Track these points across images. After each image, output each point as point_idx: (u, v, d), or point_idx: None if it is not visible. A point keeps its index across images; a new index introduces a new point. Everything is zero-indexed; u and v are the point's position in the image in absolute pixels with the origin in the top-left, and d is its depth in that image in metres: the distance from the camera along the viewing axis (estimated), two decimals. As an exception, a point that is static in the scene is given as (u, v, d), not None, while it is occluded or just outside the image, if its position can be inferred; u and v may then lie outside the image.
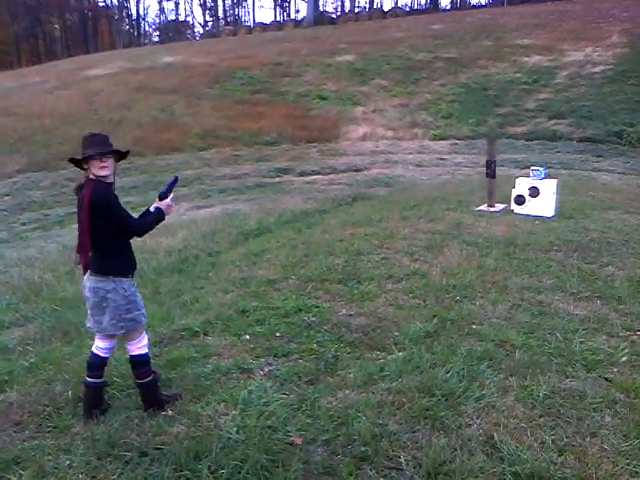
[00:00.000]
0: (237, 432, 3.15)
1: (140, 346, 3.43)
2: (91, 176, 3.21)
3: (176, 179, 3.56)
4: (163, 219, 3.44)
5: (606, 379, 3.66)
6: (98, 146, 3.19)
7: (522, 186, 8.89)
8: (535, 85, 24.95)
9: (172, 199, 3.48)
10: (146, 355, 3.46)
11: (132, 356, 3.43)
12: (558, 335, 4.30)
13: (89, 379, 3.41)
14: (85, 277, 3.32)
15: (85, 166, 3.22)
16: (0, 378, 4.07)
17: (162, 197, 3.43)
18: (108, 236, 3.23)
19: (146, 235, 3.40)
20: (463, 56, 29.15)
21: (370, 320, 4.73)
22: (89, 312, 3.35)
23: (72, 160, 3.30)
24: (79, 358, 4.21)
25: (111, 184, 3.27)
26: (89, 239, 3.18)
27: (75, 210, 3.30)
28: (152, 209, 3.42)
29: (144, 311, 3.44)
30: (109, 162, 3.23)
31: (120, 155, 3.33)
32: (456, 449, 2.95)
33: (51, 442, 3.18)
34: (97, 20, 74.74)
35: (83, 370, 3.58)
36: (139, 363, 3.43)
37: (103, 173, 3.21)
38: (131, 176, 15.74)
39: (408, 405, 3.37)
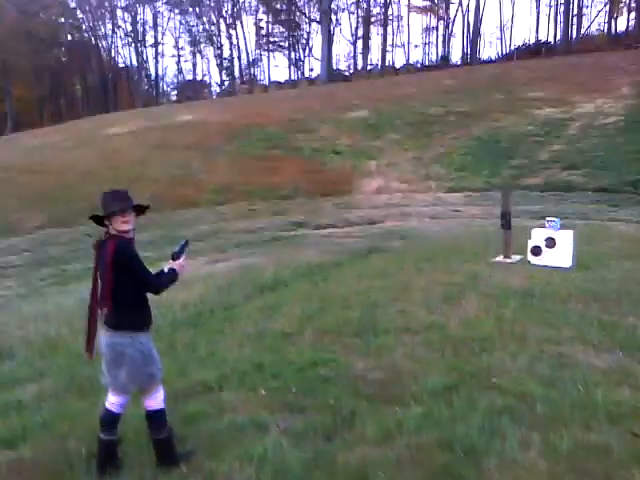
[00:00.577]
0: (253, 490, 3.08)
1: (157, 401, 3.40)
2: (113, 232, 3.25)
3: (187, 242, 3.60)
4: (177, 279, 3.44)
5: (633, 433, 3.55)
6: (120, 202, 3.26)
7: (538, 237, 8.85)
8: (548, 137, 25.14)
9: (185, 259, 3.50)
10: (162, 410, 3.43)
11: (149, 411, 3.39)
12: (580, 387, 4.20)
13: (103, 436, 3.36)
14: (101, 334, 3.32)
15: (107, 222, 3.26)
16: (14, 434, 4.03)
17: (175, 257, 3.46)
18: (127, 291, 3.25)
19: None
20: (475, 109, 29.54)
21: (387, 374, 4.66)
22: (105, 368, 3.33)
23: (93, 217, 3.34)
24: (93, 414, 4.15)
25: (132, 239, 3.32)
26: (111, 294, 3.20)
27: (92, 266, 3.33)
28: (166, 270, 3.42)
29: (160, 365, 3.42)
30: (131, 217, 3.29)
31: (140, 210, 3.38)
32: (478, 507, 2.86)
33: (64, 501, 3.13)
34: (117, 80, 76.97)
35: (97, 426, 3.54)
36: (156, 418, 3.39)
37: (125, 228, 3.26)
38: (148, 231, 15.92)
39: (428, 461, 3.28)
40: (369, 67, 64.52)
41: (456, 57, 70.73)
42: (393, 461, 3.31)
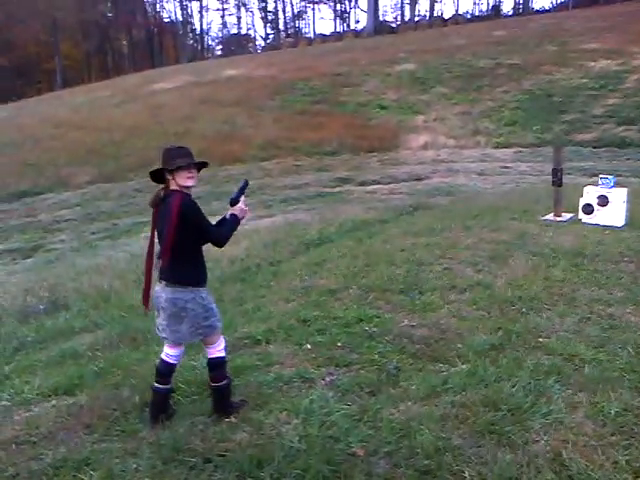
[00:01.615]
0: (299, 441, 3.16)
1: (219, 349, 3.51)
2: (174, 187, 3.30)
3: (246, 183, 3.63)
4: (238, 225, 3.50)
5: (683, 397, 3.49)
6: (186, 157, 3.30)
7: (590, 195, 8.60)
8: (603, 90, 24.16)
9: (244, 203, 3.54)
10: (224, 358, 3.54)
11: (211, 359, 3.50)
12: (630, 350, 4.13)
13: (157, 385, 3.48)
14: (159, 289, 3.38)
15: (169, 177, 3.31)
16: (71, 382, 4.22)
17: (233, 203, 3.49)
18: (188, 246, 3.32)
19: (209, 244, 3.45)
20: (526, 62, 28.53)
21: (432, 331, 4.67)
22: (164, 323, 3.39)
23: (155, 171, 3.38)
24: (146, 364, 4.32)
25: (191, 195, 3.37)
26: (171, 248, 3.26)
27: (143, 220, 3.40)
28: (227, 216, 3.48)
29: (220, 316, 3.52)
30: (195, 173, 3.35)
31: (199, 167, 3.42)
32: (522, 465, 2.87)
33: (119, 445, 3.27)
34: (162, 36, 77.02)
35: (150, 376, 3.67)
36: (217, 365, 3.50)
37: (190, 183, 3.32)
38: (195, 187, 16.11)
39: (472, 419, 3.30)
40: (417, 18, 62.83)
41: (507, 7, 68.28)
42: (437, 418, 3.34)
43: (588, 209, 8.61)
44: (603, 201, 8.44)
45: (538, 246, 7.17)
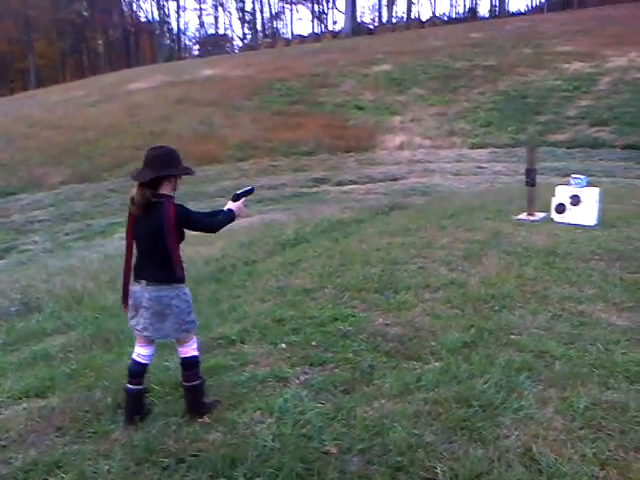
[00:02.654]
0: (273, 440, 3.16)
1: (193, 347, 3.50)
2: (166, 192, 3.29)
3: (253, 190, 3.76)
4: (234, 219, 3.56)
5: (650, 392, 3.56)
6: (182, 165, 3.37)
7: (563, 194, 8.73)
8: (576, 92, 24.54)
9: (244, 203, 3.61)
10: (197, 357, 3.53)
11: (184, 358, 3.49)
12: (599, 346, 4.20)
13: (130, 386, 3.46)
14: (138, 288, 3.36)
15: (168, 181, 3.29)
16: (43, 384, 4.17)
17: (235, 199, 3.57)
18: (177, 246, 3.31)
19: (184, 244, 3.45)
20: (502, 64, 28.88)
21: (407, 330, 4.70)
22: (147, 321, 3.35)
23: (143, 177, 3.27)
24: (119, 365, 4.28)
25: None
26: (161, 250, 3.26)
27: (118, 221, 3.37)
28: (226, 209, 3.54)
29: (195, 313, 3.54)
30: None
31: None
32: (493, 461, 2.90)
33: (91, 447, 3.24)
34: (139, 35, 76.45)
35: (123, 377, 3.64)
36: (191, 365, 3.49)
37: (174, 192, 3.35)
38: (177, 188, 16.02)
39: (445, 416, 3.33)
40: (394, 20, 63.17)
41: (484, 10, 68.99)
42: (410, 415, 3.36)
43: (561, 208, 8.74)
44: (575, 201, 8.57)
45: (511, 245, 7.26)
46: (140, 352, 3.48)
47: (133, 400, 3.47)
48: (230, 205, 3.55)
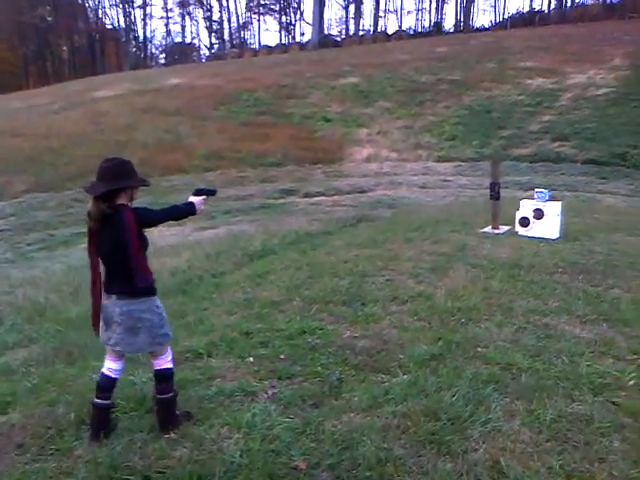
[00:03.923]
0: (241, 456, 3.12)
1: (168, 360, 3.46)
2: (123, 201, 3.24)
3: (215, 191, 3.70)
4: (194, 214, 3.49)
5: (613, 403, 3.62)
6: (138, 177, 3.34)
7: (526, 208, 8.89)
8: (539, 107, 25.07)
9: (205, 202, 3.54)
10: (171, 370, 3.48)
11: (158, 370, 3.43)
12: (564, 358, 4.27)
13: (98, 400, 3.38)
14: (108, 303, 3.29)
15: (124, 192, 3.25)
16: (3, 399, 4.05)
17: (196, 193, 3.52)
18: (140, 254, 3.25)
19: (151, 256, 3.40)
20: (467, 78, 29.35)
21: (375, 342, 4.70)
22: (119, 336, 3.29)
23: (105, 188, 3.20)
24: (82, 379, 4.19)
25: None
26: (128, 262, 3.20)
27: (82, 231, 3.31)
28: (187, 202, 3.49)
29: (169, 325, 3.49)
30: None
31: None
32: (462, 474, 2.92)
33: (53, 465, 3.15)
34: (104, 42, 75.57)
35: (87, 391, 3.57)
36: (165, 378, 3.44)
37: (131, 203, 3.30)
38: (136, 197, 15.82)
39: (413, 429, 3.33)
40: (361, 33, 63.72)
41: (449, 24, 70.09)
42: (379, 428, 3.35)
43: (524, 222, 8.88)
44: (539, 214, 8.73)
45: (477, 258, 7.35)
46: (111, 366, 3.41)
47: (100, 415, 3.40)
48: (192, 199, 3.49)
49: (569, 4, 62.14)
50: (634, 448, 3.14)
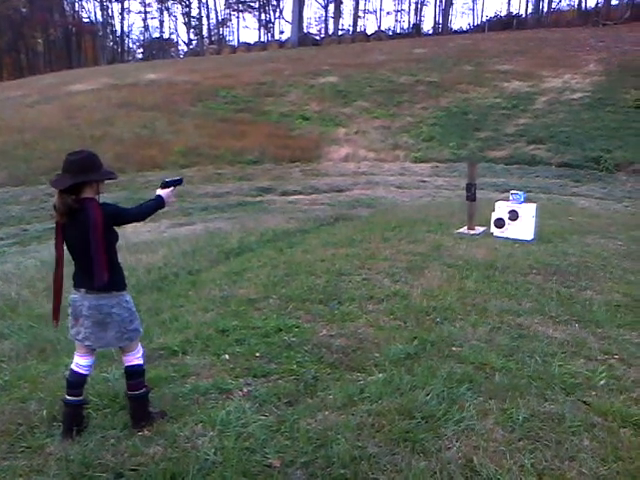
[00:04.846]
0: (215, 454, 3.11)
1: (138, 356, 3.43)
2: (89, 195, 3.19)
3: (181, 180, 3.66)
4: (163, 207, 3.47)
5: (584, 402, 3.68)
6: (104, 169, 3.27)
7: (502, 209, 8.98)
8: (515, 110, 25.33)
9: (173, 192, 3.52)
10: (142, 366, 3.45)
11: (128, 367, 3.41)
12: (537, 358, 4.32)
13: (69, 397, 3.34)
14: (77, 297, 3.26)
15: (90, 185, 3.20)
16: (-28, 396, 3.98)
17: (164, 186, 3.49)
18: (109, 250, 3.22)
19: (125, 252, 3.37)
20: (444, 80, 29.55)
21: (350, 341, 4.72)
22: (87, 331, 3.27)
23: (73, 182, 3.16)
24: (55, 376, 4.14)
25: None
26: (107, 260, 3.16)
27: (54, 226, 3.25)
28: (155, 196, 3.46)
29: (140, 321, 3.45)
30: None
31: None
32: (435, 472, 2.94)
33: (24, 463, 3.11)
34: (81, 36, 74.59)
35: (59, 388, 3.52)
36: (135, 374, 3.41)
37: (98, 196, 3.24)
38: (112, 192, 15.62)
39: (388, 427, 3.35)
40: (340, 32, 63.81)
41: (428, 26, 70.62)
42: (354, 427, 3.37)
43: (500, 223, 8.98)
44: (514, 216, 8.83)
45: (452, 258, 7.41)
46: (79, 362, 3.37)
47: (72, 412, 3.36)
48: (160, 192, 3.48)
49: (546, 9, 62.94)
50: (603, 447, 3.19)
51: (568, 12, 62.23)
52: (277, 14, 77.21)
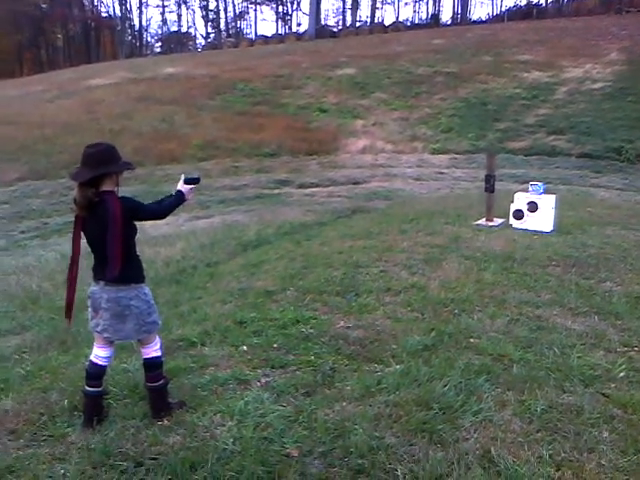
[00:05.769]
0: (233, 443, 3.13)
1: (156, 348, 3.46)
2: (109, 188, 3.21)
3: (199, 179, 3.63)
4: (183, 202, 3.47)
5: (604, 394, 3.65)
6: (122, 161, 3.27)
7: (521, 201, 8.91)
8: (534, 101, 25.07)
9: (193, 190, 3.52)
10: (160, 358, 3.48)
11: (147, 359, 3.44)
12: (556, 350, 4.29)
13: (88, 388, 3.39)
14: (96, 289, 3.29)
15: (110, 178, 3.20)
16: (-4, 385, 4.06)
17: (186, 182, 3.49)
18: (129, 244, 3.25)
19: (144, 245, 3.40)
20: (463, 71, 29.30)
21: (368, 333, 4.72)
22: (106, 323, 3.29)
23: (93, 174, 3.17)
24: (75, 367, 4.19)
25: None
26: (122, 254, 3.18)
27: (72, 219, 3.28)
28: (176, 191, 3.46)
29: (158, 313, 3.48)
30: None
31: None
32: (453, 463, 2.94)
33: (46, 451, 3.16)
34: (100, 30, 75.08)
35: (79, 379, 3.57)
36: (153, 366, 3.44)
37: (117, 188, 3.25)
38: (130, 186, 15.75)
39: (405, 418, 3.35)
40: (358, 24, 63.48)
41: (446, 17, 69.96)
42: (371, 417, 3.37)
43: (518, 215, 8.91)
44: (533, 207, 8.75)
45: (470, 250, 7.37)
46: (98, 354, 3.41)
47: (92, 403, 3.40)
48: (180, 187, 3.47)
49: (566, -2, 62.06)
50: (622, 439, 3.17)
51: (589, 0, 61.26)
52: (294, 6, 77.08)
